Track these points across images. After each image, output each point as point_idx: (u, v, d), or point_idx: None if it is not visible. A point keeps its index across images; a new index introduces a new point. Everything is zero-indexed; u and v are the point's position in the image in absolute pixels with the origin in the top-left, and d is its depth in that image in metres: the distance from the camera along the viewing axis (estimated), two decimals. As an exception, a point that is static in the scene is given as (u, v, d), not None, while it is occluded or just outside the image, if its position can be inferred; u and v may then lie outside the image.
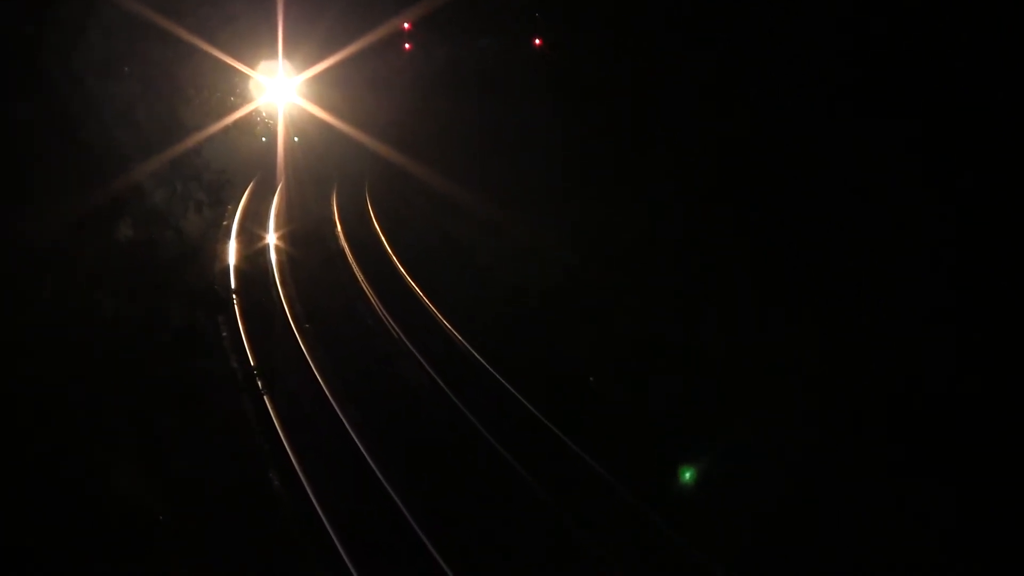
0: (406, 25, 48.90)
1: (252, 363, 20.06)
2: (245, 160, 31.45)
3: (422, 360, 20.20)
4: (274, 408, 17.60)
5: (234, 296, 23.41)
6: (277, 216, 34.32)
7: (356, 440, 16.60)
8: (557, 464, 15.54)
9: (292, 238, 30.94)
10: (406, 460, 16.03)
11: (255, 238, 30.95)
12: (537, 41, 41.55)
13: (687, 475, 15.17)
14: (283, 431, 16.91)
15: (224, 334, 21.84)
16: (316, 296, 25.21)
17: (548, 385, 18.23)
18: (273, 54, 35.71)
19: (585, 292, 22.88)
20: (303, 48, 40.70)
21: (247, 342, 21.14)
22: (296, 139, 44.58)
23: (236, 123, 19.09)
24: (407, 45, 50.75)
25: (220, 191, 18.73)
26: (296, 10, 35.98)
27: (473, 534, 13.92)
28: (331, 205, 35.78)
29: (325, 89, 43.26)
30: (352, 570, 13.10)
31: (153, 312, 13.80)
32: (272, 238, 31.08)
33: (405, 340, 21.51)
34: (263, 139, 35.63)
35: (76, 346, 11.91)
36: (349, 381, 19.40)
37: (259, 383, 18.30)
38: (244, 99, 17.73)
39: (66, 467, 11.09)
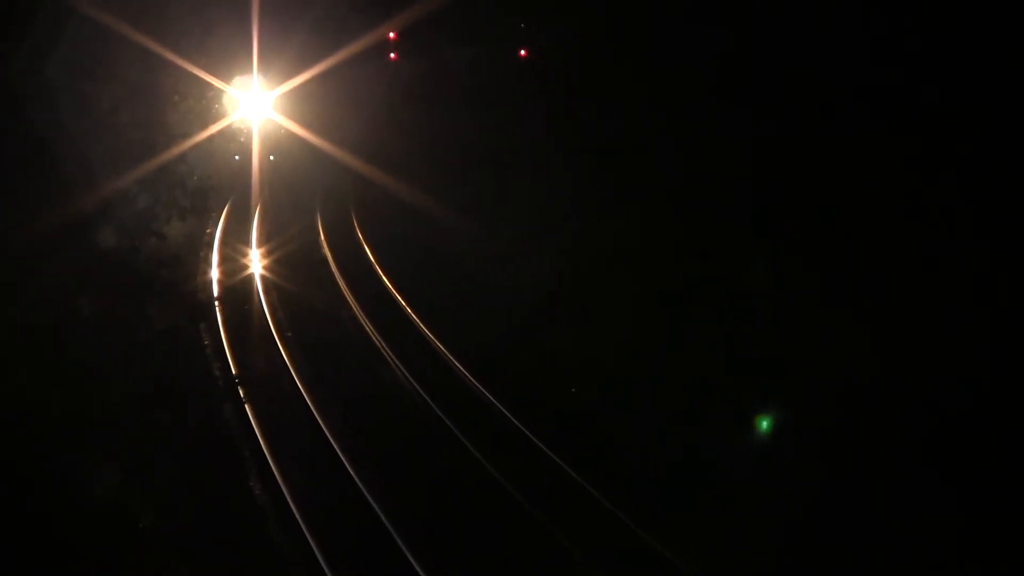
0: (391, 35, 48.80)
1: (234, 370, 19.99)
2: (215, 184, 30.20)
3: (403, 369, 20.20)
4: (255, 415, 17.55)
5: (216, 303, 23.44)
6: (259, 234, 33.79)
7: (337, 449, 16.57)
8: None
9: (276, 260, 30.17)
10: (389, 470, 16.00)
11: (238, 252, 30.56)
12: (523, 52, 41.63)
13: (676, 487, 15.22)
14: (263, 439, 16.85)
15: (206, 341, 21.78)
16: (301, 311, 25.01)
17: (534, 398, 18.18)
18: (248, 68, 34.81)
19: (577, 303, 22.80)
20: (279, 61, 39.91)
21: (228, 349, 21.07)
22: (272, 158, 42.73)
23: (214, 136, 19.10)
24: (392, 55, 50.68)
25: (204, 198, 18.81)
26: (271, 22, 35.33)
27: (460, 547, 13.90)
28: (316, 228, 34.37)
29: (302, 104, 41.93)
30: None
31: (135, 317, 13.82)
32: (255, 252, 30.77)
33: (385, 346, 21.56)
34: (236, 157, 34.70)
35: (56, 350, 11.89)
36: (331, 390, 19.35)
37: (240, 390, 18.38)
38: (222, 110, 17.69)
39: (44, 470, 11.05)
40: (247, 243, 31.79)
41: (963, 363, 15.54)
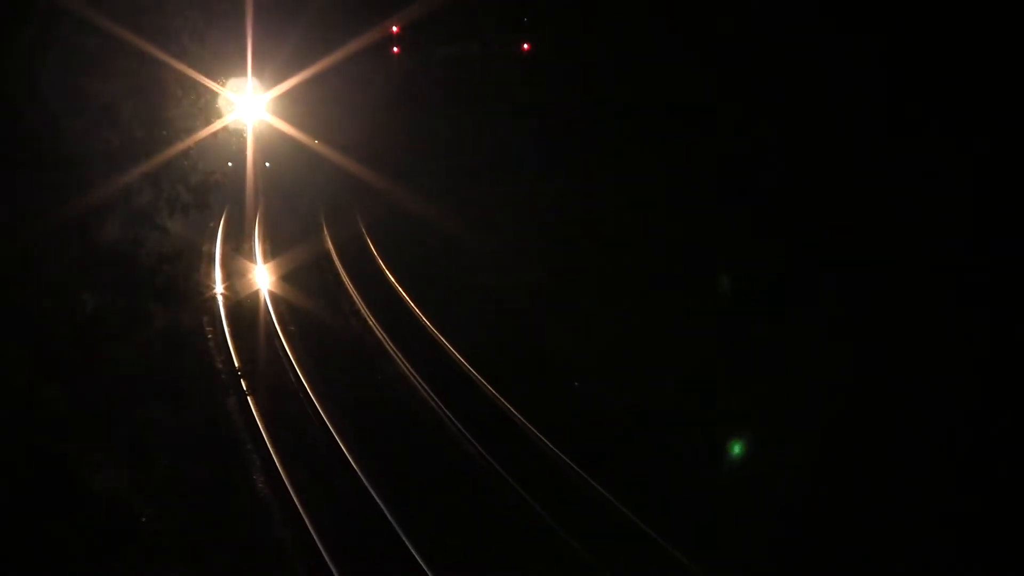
0: (394, 28, 48.61)
1: (237, 363, 20.17)
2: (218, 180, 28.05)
3: (405, 361, 20.37)
4: (257, 408, 17.70)
5: (220, 297, 23.63)
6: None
7: (339, 441, 16.73)
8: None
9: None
10: (392, 462, 16.15)
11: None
12: (525, 46, 41.53)
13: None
14: (266, 432, 16.99)
15: (209, 336, 21.96)
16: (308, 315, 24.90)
17: (533, 390, 18.31)
18: (242, 70, 33.82)
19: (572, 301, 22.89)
20: (273, 62, 38.75)
21: (232, 342, 21.23)
22: (268, 164, 41.46)
23: (205, 140, 19.14)
24: (395, 48, 50.52)
25: (207, 193, 18.88)
26: (266, 23, 34.28)
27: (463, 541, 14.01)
28: (324, 241, 33.13)
29: (298, 106, 40.85)
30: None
31: (138, 311, 13.92)
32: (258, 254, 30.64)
33: (386, 337, 21.77)
34: (229, 164, 34.01)
35: (58, 344, 12.02)
36: (333, 384, 19.52)
37: (243, 383, 18.55)
38: (214, 114, 17.63)
39: (46, 465, 11.18)
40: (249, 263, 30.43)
41: (963, 363, 15.52)
